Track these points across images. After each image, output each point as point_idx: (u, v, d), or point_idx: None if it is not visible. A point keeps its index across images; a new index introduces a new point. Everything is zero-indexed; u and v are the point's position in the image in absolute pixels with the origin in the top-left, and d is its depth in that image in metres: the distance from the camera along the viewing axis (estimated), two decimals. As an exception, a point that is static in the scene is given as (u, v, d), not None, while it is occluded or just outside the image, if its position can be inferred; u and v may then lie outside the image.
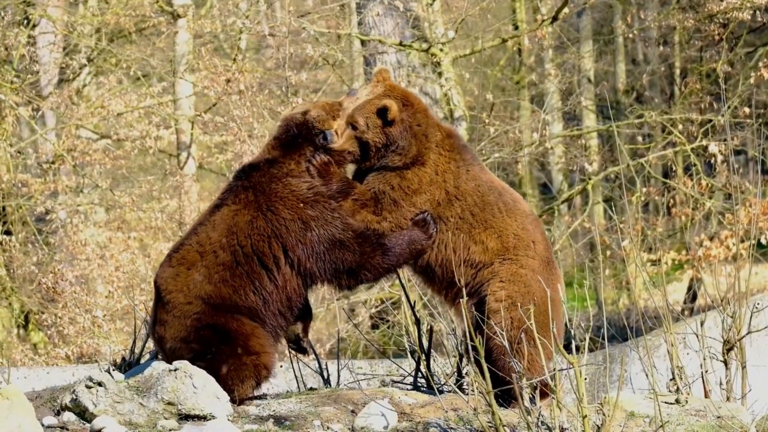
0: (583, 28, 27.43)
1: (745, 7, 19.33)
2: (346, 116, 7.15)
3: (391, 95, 7.16)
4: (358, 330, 16.49)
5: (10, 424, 5.97)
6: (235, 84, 19.57)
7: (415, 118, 7.15)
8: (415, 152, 7.13)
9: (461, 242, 7.11)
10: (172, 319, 6.96)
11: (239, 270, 6.93)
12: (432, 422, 6.72)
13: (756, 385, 7.67)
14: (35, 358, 18.59)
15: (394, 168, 7.13)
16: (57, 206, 20.78)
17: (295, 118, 7.20)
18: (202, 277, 6.94)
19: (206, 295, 6.92)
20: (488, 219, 7.15)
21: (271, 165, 7.11)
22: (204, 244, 6.99)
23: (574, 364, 6.22)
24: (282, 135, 7.25)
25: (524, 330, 6.78)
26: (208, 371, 6.76)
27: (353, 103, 7.21)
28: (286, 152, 7.15)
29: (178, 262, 7.03)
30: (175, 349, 6.96)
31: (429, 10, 18.69)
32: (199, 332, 6.89)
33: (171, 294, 6.99)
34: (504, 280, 7.05)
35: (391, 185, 7.12)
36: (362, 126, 7.10)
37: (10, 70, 19.99)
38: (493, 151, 19.06)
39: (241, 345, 6.89)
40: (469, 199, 7.15)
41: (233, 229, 6.96)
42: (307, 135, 7.15)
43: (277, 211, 6.97)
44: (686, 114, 20.31)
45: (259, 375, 6.95)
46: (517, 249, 7.13)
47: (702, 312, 8.74)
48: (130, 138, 21.34)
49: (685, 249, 20.97)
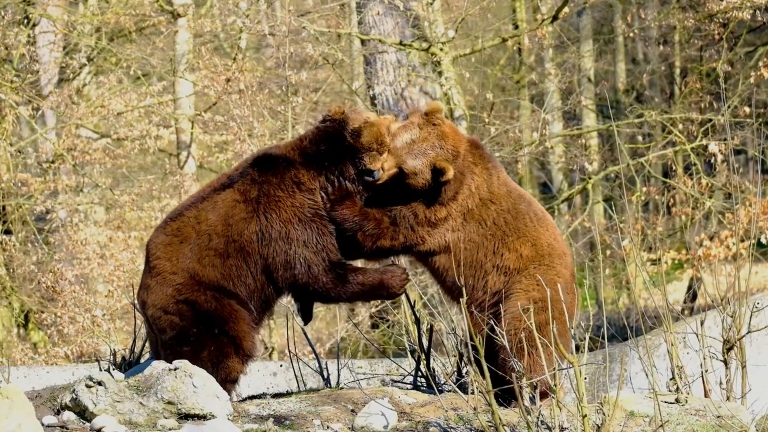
0: (583, 27, 27.45)
1: (745, 6, 19.33)
2: (395, 157, 7.06)
3: (445, 147, 7.08)
4: (358, 329, 16.48)
5: (10, 423, 5.97)
6: (235, 83, 19.57)
7: (457, 167, 7.14)
8: (451, 194, 7.17)
9: (493, 247, 7.14)
10: (155, 285, 7.01)
11: (230, 261, 6.97)
12: (432, 421, 6.72)
13: (756, 385, 7.67)
14: (35, 358, 18.59)
15: (426, 204, 7.15)
16: (57, 205, 20.79)
17: (341, 135, 7.05)
18: (192, 254, 6.97)
19: (193, 271, 6.96)
20: (521, 228, 7.21)
21: (287, 168, 7.05)
22: (201, 223, 7.01)
23: (574, 364, 6.22)
24: (314, 139, 7.12)
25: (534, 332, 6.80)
26: (191, 354, 6.82)
27: (406, 144, 7.09)
28: (306, 161, 7.07)
29: (172, 233, 7.05)
30: (155, 318, 7.02)
31: (429, 10, 18.68)
32: (179, 304, 6.93)
33: (159, 260, 7.02)
34: (539, 283, 7.08)
35: (415, 213, 7.14)
36: (410, 173, 7.07)
37: (10, 70, 20.00)
38: (494, 151, 19.04)
39: (219, 328, 6.93)
40: (503, 204, 7.23)
41: (229, 221, 6.99)
42: (347, 155, 7.04)
43: (271, 219, 6.97)
44: (686, 113, 20.31)
45: (240, 358, 6.98)
46: (552, 257, 7.21)
47: (702, 311, 8.75)
48: (130, 137, 21.35)
49: (685, 248, 20.97)
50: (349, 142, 7.03)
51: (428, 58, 18.61)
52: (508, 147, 19.89)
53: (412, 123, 7.20)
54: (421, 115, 7.22)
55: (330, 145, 7.06)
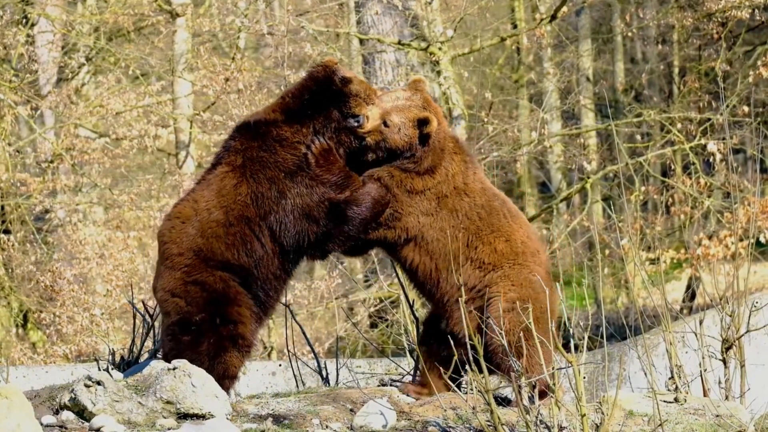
0: (581, 26, 27.44)
1: (744, 5, 19.34)
2: (381, 109, 7.16)
3: (428, 109, 7.21)
4: (357, 329, 16.50)
5: (9, 423, 5.97)
6: (233, 83, 19.58)
7: (438, 135, 7.21)
8: (428, 165, 7.19)
9: (467, 240, 7.15)
10: (164, 269, 7.07)
11: (232, 230, 7.02)
12: (431, 421, 6.72)
13: (755, 384, 7.67)
14: (34, 357, 18.59)
15: (403, 169, 7.18)
16: (56, 205, 20.79)
17: (330, 79, 7.10)
18: (195, 231, 7.02)
19: (198, 248, 7.00)
20: (494, 223, 7.21)
21: (268, 128, 7.11)
22: (199, 201, 7.09)
23: (573, 363, 6.22)
24: (298, 91, 7.18)
25: (527, 331, 6.80)
26: (190, 345, 6.86)
27: (392, 100, 7.23)
28: (289, 117, 7.13)
29: (175, 216, 7.15)
30: (162, 301, 7.07)
31: (428, 9, 18.69)
32: (187, 286, 6.97)
33: (166, 245, 7.10)
34: (515, 283, 7.08)
35: (392, 176, 7.16)
36: (394, 126, 7.14)
37: (9, 69, 20.00)
38: (492, 150, 19.06)
39: (220, 313, 6.95)
40: (477, 199, 7.23)
41: (222, 192, 7.06)
42: (333, 102, 7.10)
43: (258, 179, 7.03)
44: (685, 113, 20.32)
45: (238, 346, 7.00)
46: (525, 255, 7.20)
47: (701, 311, 8.76)
48: (128, 137, 21.34)
49: (684, 248, 20.97)
50: (338, 87, 7.09)
51: (427, 58, 18.62)
52: (507, 146, 19.90)
53: (397, 89, 7.41)
54: (407, 85, 7.41)
55: (317, 92, 7.11)
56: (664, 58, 26.37)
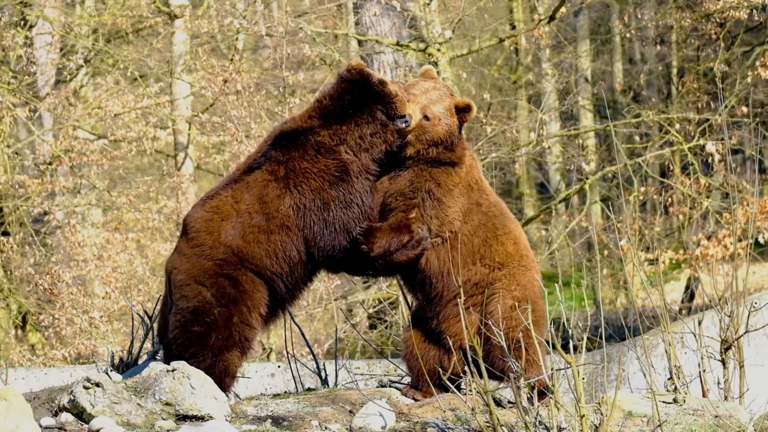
0: (580, 27, 27.45)
1: (742, 6, 19.34)
2: (418, 104, 7.16)
3: (454, 96, 7.27)
4: (356, 330, 16.48)
5: (8, 424, 5.97)
6: (232, 84, 19.57)
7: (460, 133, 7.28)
8: (459, 153, 7.22)
9: (485, 236, 7.15)
10: (193, 255, 7.05)
11: (273, 238, 7.03)
12: (430, 422, 6.72)
13: (754, 384, 7.68)
14: (33, 359, 18.58)
15: (444, 163, 7.17)
16: (54, 207, 20.79)
17: (368, 82, 7.08)
18: (235, 231, 7.03)
19: (237, 247, 7.01)
20: (506, 224, 7.25)
21: (306, 137, 7.11)
22: (239, 202, 7.08)
23: (572, 364, 6.22)
24: (335, 93, 7.16)
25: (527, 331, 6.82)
26: (197, 337, 6.87)
27: (422, 92, 7.21)
28: (327, 120, 7.13)
29: (212, 210, 7.12)
30: (182, 284, 7.03)
31: (426, 10, 18.68)
32: (217, 278, 6.97)
33: (198, 233, 7.08)
34: (521, 284, 7.12)
35: (438, 182, 7.15)
36: (435, 118, 7.15)
37: (7, 71, 20.00)
38: (491, 151, 19.05)
39: (240, 312, 6.98)
40: (491, 197, 7.29)
41: (264, 199, 7.06)
42: (375, 102, 7.08)
43: (302, 191, 7.05)
44: (683, 113, 20.32)
45: (242, 348, 7.03)
46: (529, 258, 7.25)
47: (700, 311, 8.76)
48: (127, 138, 21.34)
49: (683, 248, 20.97)
50: (378, 89, 7.08)
51: (425, 59, 18.60)
52: (506, 147, 19.89)
53: (416, 81, 7.35)
54: (418, 76, 7.41)
55: (357, 93, 7.10)
56: (662, 59, 26.39)
